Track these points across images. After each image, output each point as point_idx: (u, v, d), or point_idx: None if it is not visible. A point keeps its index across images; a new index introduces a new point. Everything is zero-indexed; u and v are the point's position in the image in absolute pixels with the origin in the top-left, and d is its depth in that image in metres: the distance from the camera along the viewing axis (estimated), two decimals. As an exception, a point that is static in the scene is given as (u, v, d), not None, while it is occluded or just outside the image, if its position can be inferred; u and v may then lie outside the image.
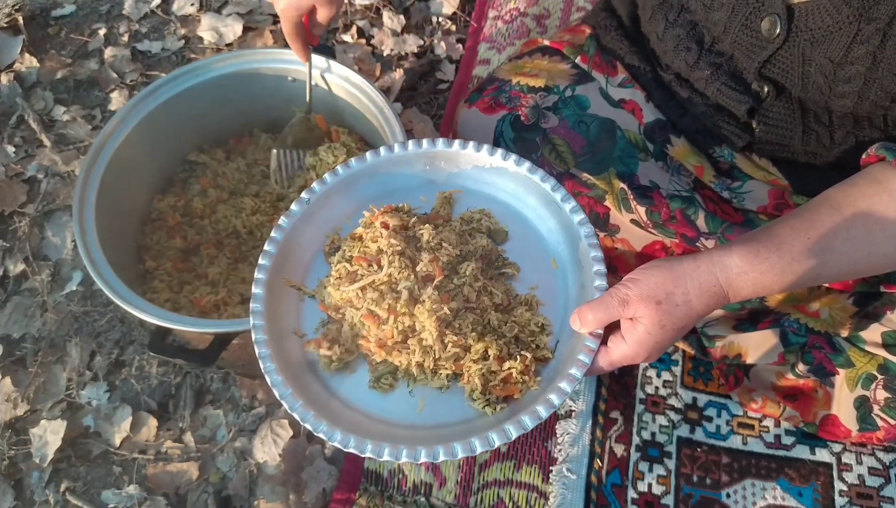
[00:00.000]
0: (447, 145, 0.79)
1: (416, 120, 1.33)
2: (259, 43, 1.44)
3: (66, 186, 1.26)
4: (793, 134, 0.80)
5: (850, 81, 0.69)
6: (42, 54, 1.43)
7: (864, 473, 0.95)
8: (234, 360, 0.97)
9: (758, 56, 0.75)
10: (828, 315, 0.84)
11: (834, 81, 0.70)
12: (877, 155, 0.65)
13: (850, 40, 0.67)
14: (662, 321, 0.63)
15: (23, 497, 0.99)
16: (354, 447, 0.63)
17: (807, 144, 0.80)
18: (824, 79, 0.71)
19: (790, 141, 0.81)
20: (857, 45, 0.67)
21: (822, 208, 0.64)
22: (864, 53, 0.66)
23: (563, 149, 0.88)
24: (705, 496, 0.95)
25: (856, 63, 0.68)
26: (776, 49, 0.73)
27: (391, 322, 0.69)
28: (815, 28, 0.69)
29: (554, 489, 0.96)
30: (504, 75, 0.96)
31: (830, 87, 0.71)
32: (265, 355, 0.68)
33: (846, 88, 0.70)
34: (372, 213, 0.75)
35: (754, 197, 0.87)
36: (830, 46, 0.68)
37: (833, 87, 0.71)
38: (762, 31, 0.73)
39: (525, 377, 0.68)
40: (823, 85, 0.71)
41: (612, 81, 0.93)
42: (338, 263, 0.74)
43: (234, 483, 0.99)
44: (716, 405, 1.01)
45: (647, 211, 0.84)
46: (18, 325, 1.12)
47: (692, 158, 0.90)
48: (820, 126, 0.78)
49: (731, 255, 0.63)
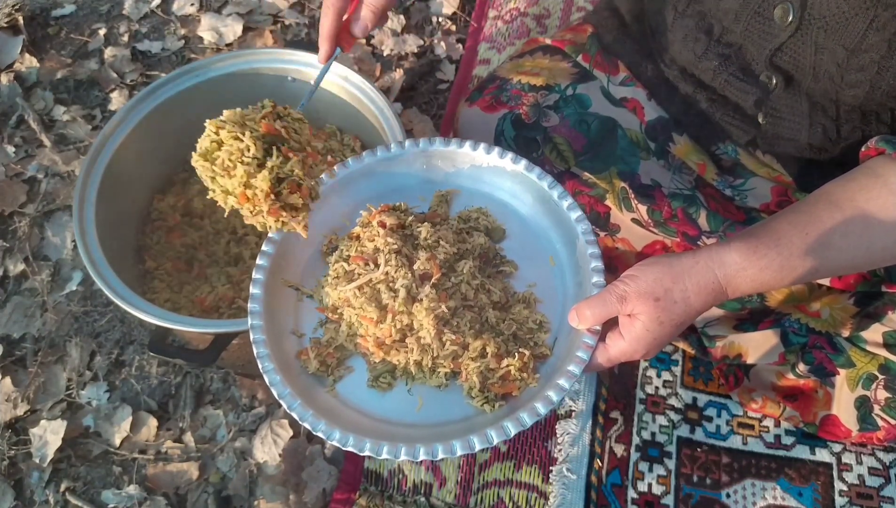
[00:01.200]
0: (444, 144, 0.79)
1: (416, 120, 1.33)
2: (259, 43, 1.44)
3: (66, 186, 1.26)
4: (799, 127, 0.80)
5: (862, 70, 0.69)
6: (42, 54, 1.43)
7: (864, 473, 0.95)
8: (234, 360, 0.97)
9: (769, 44, 0.75)
10: (829, 315, 0.84)
11: (846, 69, 0.70)
12: (876, 148, 0.65)
13: (865, 27, 0.66)
14: (660, 318, 0.63)
15: (23, 497, 0.99)
16: (353, 445, 0.63)
17: (813, 137, 0.80)
18: (836, 67, 0.70)
19: (797, 134, 0.81)
20: (872, 31, 0.66)
21: (821, 204, 0.64)
22: (880, 41, 0.66)
23: (563, 148, 0.88)
24: (705, 496, 0.95)
25: (870, 51, 0.67)
26: (788, 37, 0.72)
27: (389, 321, 0.69)
28: (829, 15, 0.68)
29: (554, 489, 0.96)
30: (505, 74, 0.96)
31: (842, 75, 0.70)
32: (263, 354, 0.68)
33: (858, 77, 0.69)
34: (369, 212, 0.75)
35: (757, 194, 0.87)
36: (845, 33, 0.68)
37: (845, 75, 0.70)
38: (775, 18, 0.73)
39: (523, 375, 0.68)
40: (835, 74, 0.71)
41: (613, 79, 0.93)
42: (335, 262, 0.74)
43: (234, 483, 0.99)
44: (716, 405, 1.01)
45: (649, 210, 0.84)
46: (18, 325, 1.12)
47: (694, 155, 0.90)
48: (827, 120, 0.78)
49: (729, 251, 0.63)
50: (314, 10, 1.50)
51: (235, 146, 0.67)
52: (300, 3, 1.51)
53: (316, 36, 1.45)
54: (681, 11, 0.83)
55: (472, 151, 0.79)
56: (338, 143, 1.13)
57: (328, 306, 0.73)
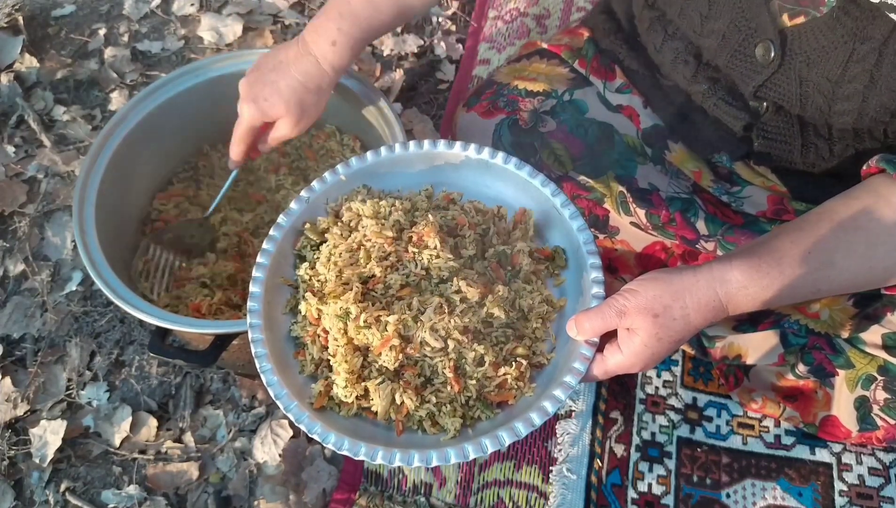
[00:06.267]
0: (448, 147, 0.79)
1: (416, 120, 1.32)
2: (259, 43, 1.44)
3: (66, 187, 1.26)
4: (792, 147, 0.80)
5: (848, 99, 0.69)
6: (42, 54, 1.43)
7: (864, 473, 0.95)
8: (234, 360, 0.97)
9: (753, 81, 0.75)
10: (828, 317, 0.84)
11: (833, 99, 0.70)
12: (877, 167, 0.65)
13: (846, 59, 0.66)
14: (659, 334, 0.63)
15: (23, 497, 0.99)
16: (348, 449, 0.63)
17: (806, 156, 0.80)
18: (823, 98, 0.70)
19: (789, 154, 0.81)
20: (853, 63, 0.66)
21: (824, 222, 0.64)
22: (861, 71, 0.66)
23: (561, 153, 0.88)
24: (705, 496, 0.95)
25: (853, 81, 0.67)
26: (772, 73, 0.73)
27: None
28: (809, 50, 0.68)
29: (554, 489, 0.96)
30: (502, 79, 0.96)
31: (829, 105, 0.71)
32: (262, 354, 0.67)
33: (845, 106, 0.69)
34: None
35: (753, 202, 0.87)
36: (827, 66, 0.68)
37: (832, 105, 0.70)
38: (756, 56, 0.73)
39: (520, 384, 0.68)
40: (822, 104, 0.71)
41: (609, 85, 0.93)
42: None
43: (234, 483, 0.99)
44: (716, 405, 1.01)
45: (647, 214, 0.84)
46: (18, 325, 1.12)
47: (690, 163, 0.90)
48: (819, 139, 0.78)
49: (731, 269, 0.63)
50: (314, 10, 1.50)
51: None
52: (300, 3, 1.51)
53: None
54: (670, 34, 0.83)
55: (476, 155, 0.78)
56: (337, 143, 1.13)
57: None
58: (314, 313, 0.70)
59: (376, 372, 0.68)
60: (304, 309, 0.71)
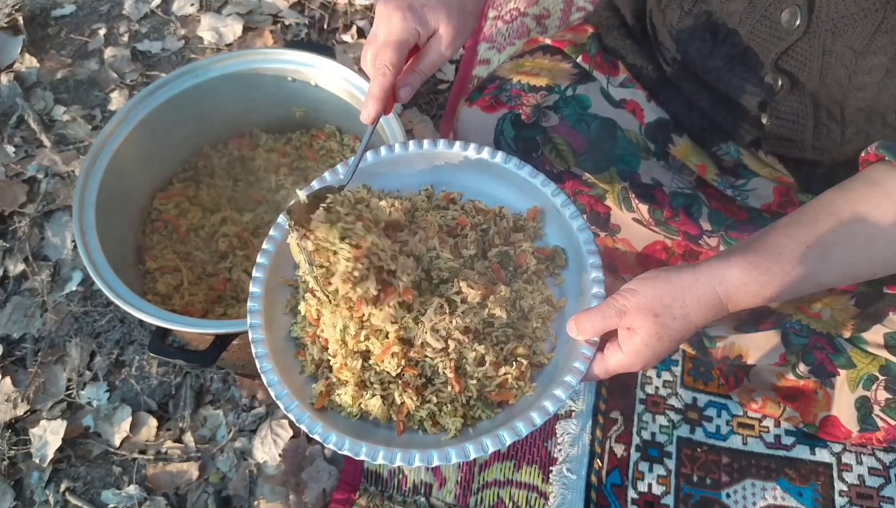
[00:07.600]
0: (448, 147, 0.79)
1: (416, 120, 1.32)
2: (259, 43, 1.44)
3: (66, 187, 1.26)
4: (804, 128, 0.79)
5: (870, 73, 0.68)
6: (42, 54, 1.43)
7: (864, 473, 0.95)
8: (234, 360, 0.97)
9: (775, 48, 0.74)
10: (829, 316, 0.84)
11: (854, 72, 0.69)
12: (876, 154, 0.64)
13: (874, 29, 0.65)
14: (659, 334, 0.63)
15: (23, 497, 0.99)
16: (349, 449, 0.63)
17: (817, 139, 0.79)
18: (844, 70, 0.70)
19: (801, 136, 0.80)
20: (881, 34, 0.65)
21: (821, 215, 0.64)
22: (888, 43, 0.65)
23: (563, 148, 0.88)
24: (705, 496, 0.95)
25: (878, 53, 0.66)
26: (795, 40, 0.72)
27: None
28: (837, 17, 0.68)
29: (554, 489, 0.96)
30: (505, 74, 0.96)
31: (850, 78, 0.70)
32: (262, 355, 0.67)
33: (866, 80, 0.69)
34: None
35: (759, 195, 0.86)
36: (853, 36, 0.67)
37: (853, 78, 0.69)
38: (781, 22, 0.72)
39: (521, 383, 0.68)
40: (843, 77, 0.70)
41: (613, 80, 0.93)
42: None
43: (234, 483, 0.99)
44: (716, 405, 1.01)
45: (650, 209, 0.84)
46: (18, 325, 1.12)
47: (694, 157, 0.90)
48: (832, 121, 0.77)
49: (730, 267, 0.63)
50: (314, 10, 1.50)
51: None
52: (300, 3, 1.51)
53: (315, 37, 1.46)
54: (686, 10, 0.83)
55: (476, 155, 0.78)
56: (337, 143, 1.13)
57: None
58: (314, 314, 0.70)
59: (376, 375, 0.68)
60: (304, 310, 0.71)
